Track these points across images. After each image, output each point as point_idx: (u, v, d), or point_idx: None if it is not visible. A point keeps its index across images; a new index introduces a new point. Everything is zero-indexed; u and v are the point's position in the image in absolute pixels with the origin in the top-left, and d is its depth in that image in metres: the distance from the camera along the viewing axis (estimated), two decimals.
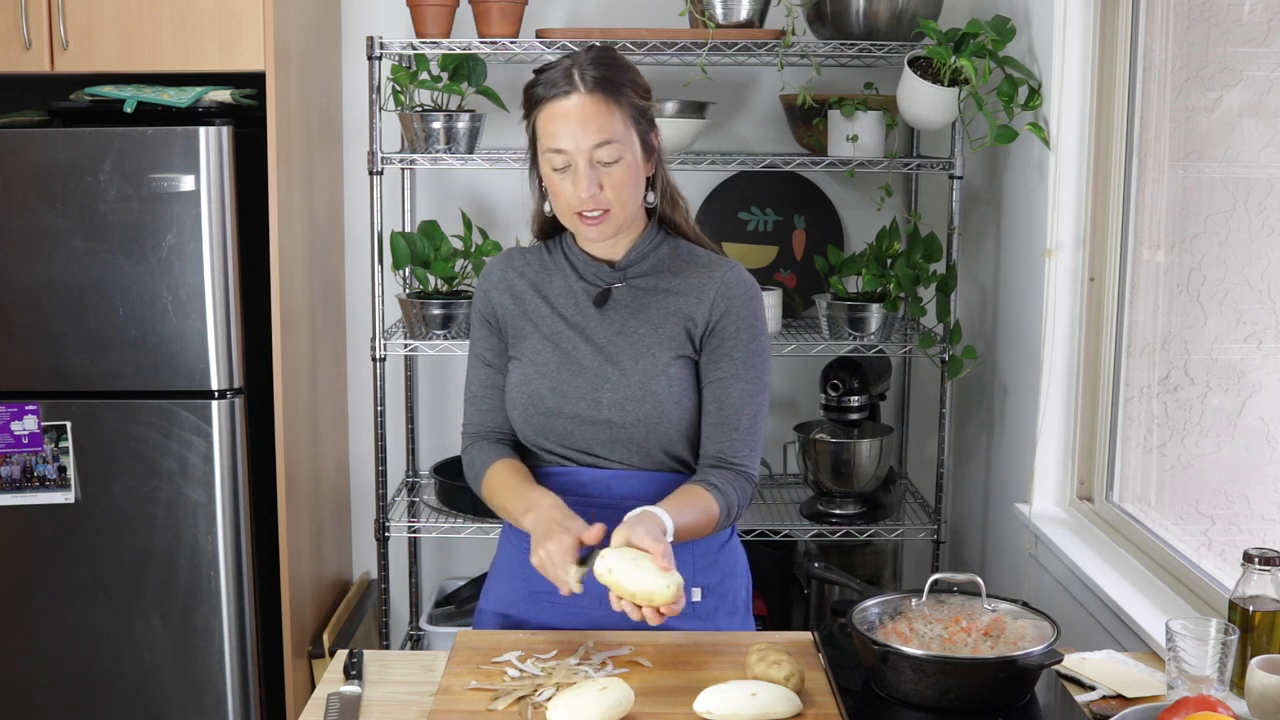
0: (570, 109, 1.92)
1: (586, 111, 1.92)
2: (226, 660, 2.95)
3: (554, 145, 1.93)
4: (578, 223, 1.98)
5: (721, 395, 2.01)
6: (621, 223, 1.98)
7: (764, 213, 3.45)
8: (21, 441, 2.88)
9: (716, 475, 1.98)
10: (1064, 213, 2.75)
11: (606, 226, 1.97)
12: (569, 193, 1.95)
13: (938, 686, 1.71)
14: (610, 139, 1.92)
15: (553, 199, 1.99)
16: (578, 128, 1.91)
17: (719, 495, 1.95)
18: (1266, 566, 1.80)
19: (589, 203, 1.94)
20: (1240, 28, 2.36)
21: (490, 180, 3.45)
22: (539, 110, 1.96)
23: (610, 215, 1.96)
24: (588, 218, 1.96)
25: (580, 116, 1.92)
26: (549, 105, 1.94)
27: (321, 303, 3.26)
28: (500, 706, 1.76)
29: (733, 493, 1.97)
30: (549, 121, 1.94)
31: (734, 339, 2.01)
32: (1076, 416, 2.79)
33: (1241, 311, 2.32)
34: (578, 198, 1.94)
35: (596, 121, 1.92)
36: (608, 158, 1.93)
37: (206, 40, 2.81)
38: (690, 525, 1.89)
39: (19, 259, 2.83)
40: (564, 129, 1.92)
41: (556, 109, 1.93)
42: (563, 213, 1.99)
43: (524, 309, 2.07)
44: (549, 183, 1.98)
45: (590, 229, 1.97)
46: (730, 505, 1.97)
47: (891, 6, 2.97)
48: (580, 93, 1.92)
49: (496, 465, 2.05)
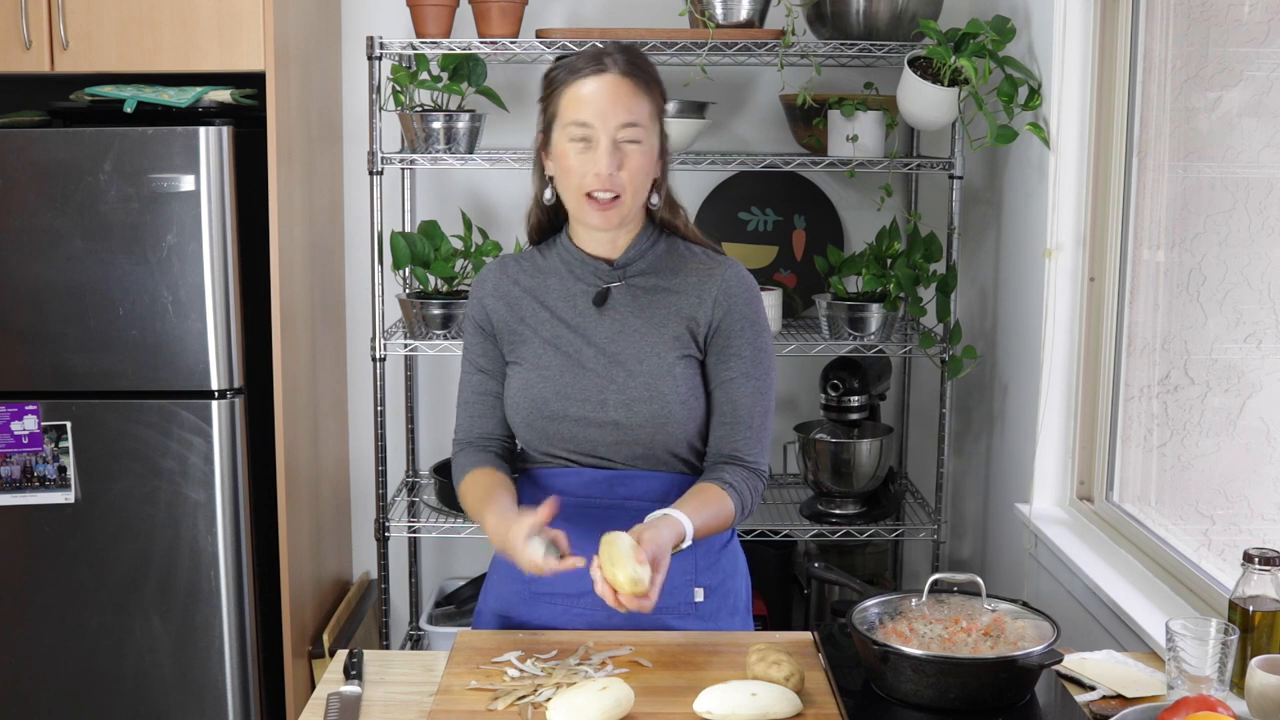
0: (602, 85, 1.94)
1: (619, 90, 1.94)
2: (226, 660, 2.95)
3: (579, 118, 1.94)
4: (585, 206, 1.96)
5: (732, 395, 2.03)
6: (628, 213, 1.98)
7: (764, 213, 3.45)
8: (21, 441, 2.88)
9: (731, 473, 2.01)
10: (1064, 213, 2.75)
11: (614, 213, 1.97)
12: (583, 169, 1.94)
13: (938, 686, 1.71)
14: (636, 121, 1.95)
15: (563, 177, 1.98)
16: (607, 103, 1.93)
17: (734, 494, 1.98)
18: (1266, 566, 1.80)
19: (605, 181, 1.93)
20: (1240, 28, 2.36)
21: (490, 180, 3.45)
22: (566, 86, 1.96)
23: (620, 202, 1.96)
24: (597, 199, 1.95)
25: (612, 93, 1.94)
26: (579, 80, 1.95)
27: (321, 303, 3.26)
28: (500, 706, 1.76)
29: (746, 490, 2.01)
30: (576, 95, 1.95)
31: (740, 338, 2.02)
32: (1076, 416, 2.79)
33: (1241, 311, 2.32)
34: (593, 174, 1.93)
35: (626, 102, 1.94)
36: (630, 138, 1.94)
37: (206, 40, 2.81)
38: (708, 524, 1.94)
39: (19, 259, 2.83)
40: (592, 102, 1.93)
41: (587, 83, 1.94)
42: (572, 192, 1.97)
43: (521, 315, 2.06)
44: (563, 160, 1.97)
45: (598, 214, 1.96)
46: (744, 503, 2.00)
47: (891, 6, 2.97)
48: (613, 73, 1.95)
49: (473, 473, 2.07)
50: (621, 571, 1.75)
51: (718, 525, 1.97)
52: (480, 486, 2.03)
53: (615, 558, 1.77)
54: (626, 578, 1.75)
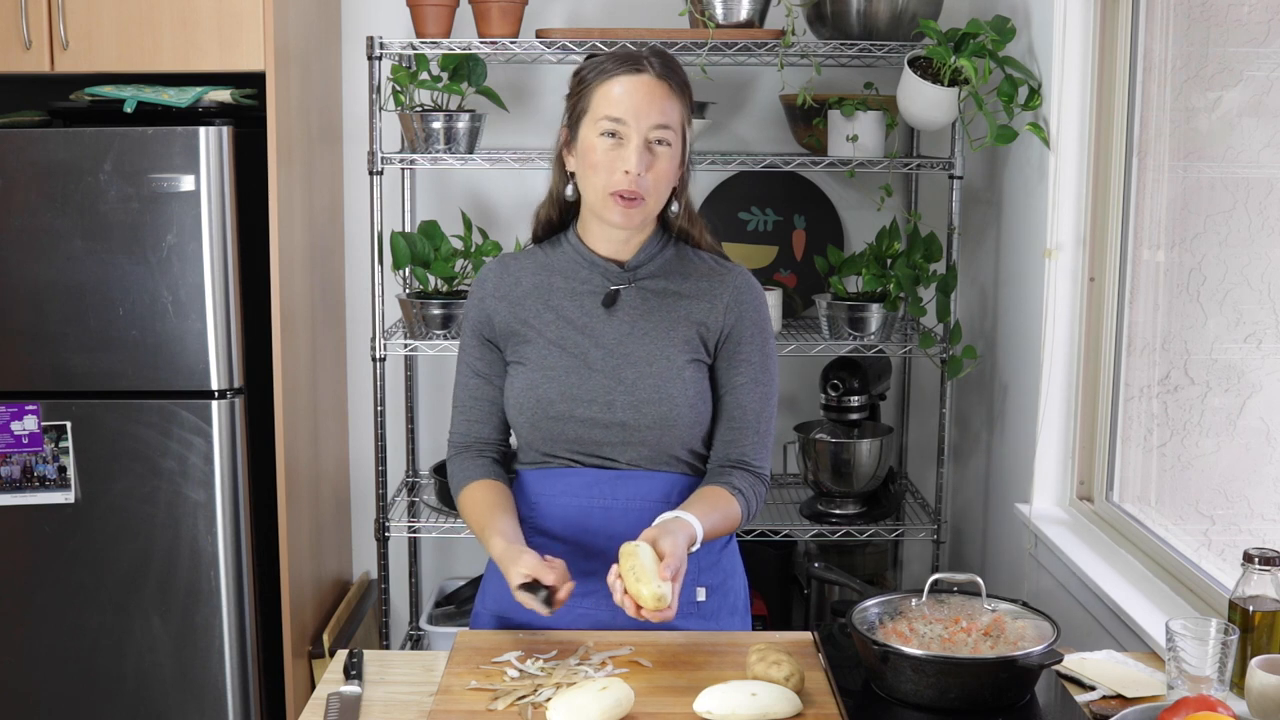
0: (640, 84, 1.94)
1: (655, 91, 1.95)
2: (226, 660, 2.95)
3: (614, 113, 1.94)
4: (610, 203, 1.96)
5: (741, 400, 2.04)
6: (649, 214, 2.00)
7: (764, 213, 3.45)
8: (21, 441, 2.88)
9: (738, 478, 2.02)
10: (1064, 213, 2.75)
11: (636, 213, 1.97)
12: (612, 165, 1.94)
13: (938, 686, 1.71)
14: (668, 124, 1.95)
15: (589, 173, 1.96)
16: (644, 102, 1.93)
17: (741, 498, 2.00)
18: (1266, 566, 1.80)
19: (632, 181, 1.93)
20: (1240, 28, 2.36)
21: (490, 180, 3.45)
22: (600, 84, 1.96)
23: (643, 203, 1.96)
24: (623, 197, 1.95)
25: (649, 93, 1.94)
26: (617, 77, 1.95)
27: (321, 303, 3.26)
28: (500, 706, 1.76)
29: (752, 495, 2.03)
30: (612, 89, 1.95)
31: (749, 344, 2.04)
32: (1076, 416, 2.79)
33: (1241, 311, 2.32)
34: (622, 171, 1.93)
35: (661, 104, 1.94)
36: (662, 139, 1.95)
37: (206, 40, 2.81)
38: (716, 528, 1.95)
39: (19, 259, 2.83)
40: (629, 100, 1.93)
41: (625, 81, 1.95)
42: (597, 189, 1.96)
43: (524, 316, 2.05)
44: (590, 154, 1.96)
45: (621, 212, 1.96)
46: (750, 507, 2.03)
47: (891, 6, 2.97)
48: (649, 74, 1.95)
49: (472, 486, 2.07)
50: (646, 588, 1.76)
51: (724, 529, 1.98)
52: (483, 505, 2.02)
53: (640, 572, 1.77)
54: (650, 594, 1.76)
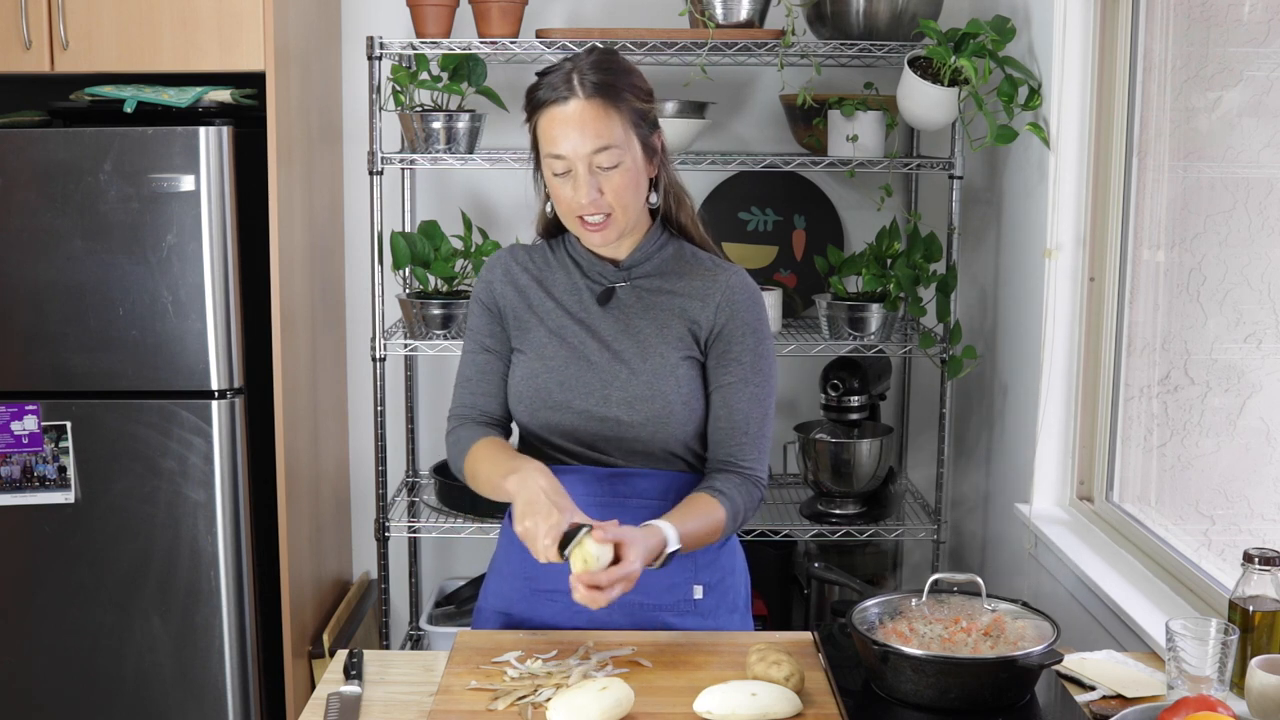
0: (569, 114, 1.92)
1: (585, 117, 1.92)
2: (226, 660, 2.95)
3: (554, 150, 1.94)
4: (580, 227, 1.99)
5: (730, 400, 2.02)
6: (624, 226, 1.99)
7: (764, 213, 3.45)
8: (21, 441, 2.88)
9: (724, 481, 2.00)
10: (1064, 213, 2.75)
11: (609, 231, 1.98)
12: (569, 197, 1.95)
13: (938, 686, 1.71)
14: (609, 144, 1.93)
15: (555, 203, 2.00)
16: (576, 133, 1.92)
17: (726, 502, 1.97)
18: (1266, 566, 1.80)
19: (589, 207, 1.94)
20: (1240, 28, 2.36)
21: (490, 180, 3.45)
22: (539, 114, 1.96)
23: (612, 220, 1.97)
24: (589, 223, 1.97)
25: (579, 122, 1.92)
26: (549, 110, 1.94)
27: (321, 303, 3.26)
28: (500, 706, 1.76)
29: (739, 498, 1.99)
30: (549, 126, 1.94)
31: (740, 344, 2.02)
32: (1076, 416, 2.79)
33: (1241, 311, 2.32)
34: (578, 202, 1.94)
35: (594, 127, 1.92)
36: (607, 163, 1.93)
37: (206, 40, 2.81)
38: (695, 534, 1.92)
39: (19, 259, 2.83)
40: (563, 134, 1.92)
41: (556, 114, 1.93)
42: (565, 216, 2.00)
43: (528, 302, 2.07)
44: (550, 187, 1.99)
45: (593, 234, 1.98)
46: (737, 511, 1.99)
47: (891, 6, 2.97)
48: (579, 98, 1.92)
49: (481, 442, 2.04)
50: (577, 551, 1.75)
51: (706, 532, 1.94)
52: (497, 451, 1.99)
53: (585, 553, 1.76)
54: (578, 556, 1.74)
